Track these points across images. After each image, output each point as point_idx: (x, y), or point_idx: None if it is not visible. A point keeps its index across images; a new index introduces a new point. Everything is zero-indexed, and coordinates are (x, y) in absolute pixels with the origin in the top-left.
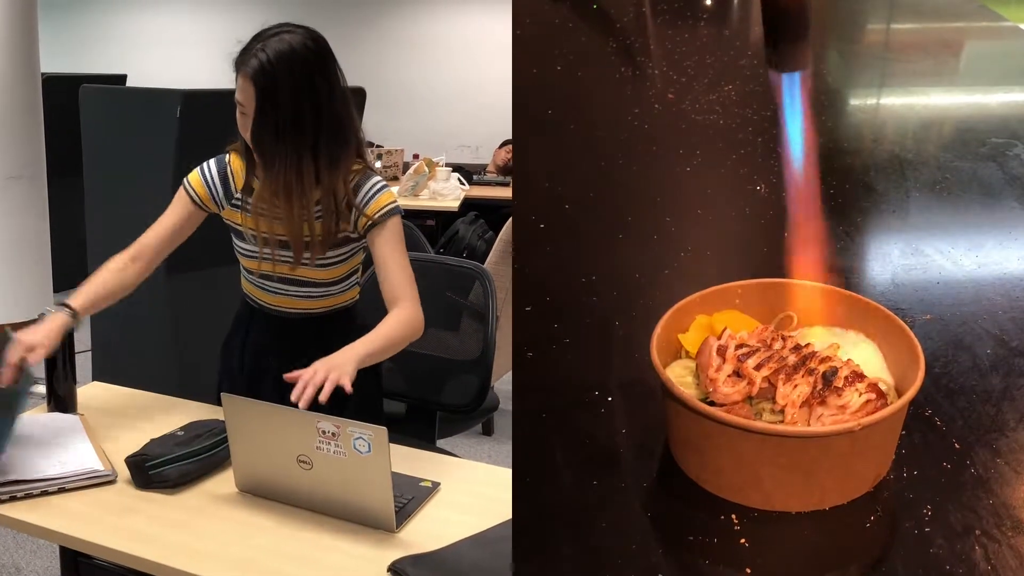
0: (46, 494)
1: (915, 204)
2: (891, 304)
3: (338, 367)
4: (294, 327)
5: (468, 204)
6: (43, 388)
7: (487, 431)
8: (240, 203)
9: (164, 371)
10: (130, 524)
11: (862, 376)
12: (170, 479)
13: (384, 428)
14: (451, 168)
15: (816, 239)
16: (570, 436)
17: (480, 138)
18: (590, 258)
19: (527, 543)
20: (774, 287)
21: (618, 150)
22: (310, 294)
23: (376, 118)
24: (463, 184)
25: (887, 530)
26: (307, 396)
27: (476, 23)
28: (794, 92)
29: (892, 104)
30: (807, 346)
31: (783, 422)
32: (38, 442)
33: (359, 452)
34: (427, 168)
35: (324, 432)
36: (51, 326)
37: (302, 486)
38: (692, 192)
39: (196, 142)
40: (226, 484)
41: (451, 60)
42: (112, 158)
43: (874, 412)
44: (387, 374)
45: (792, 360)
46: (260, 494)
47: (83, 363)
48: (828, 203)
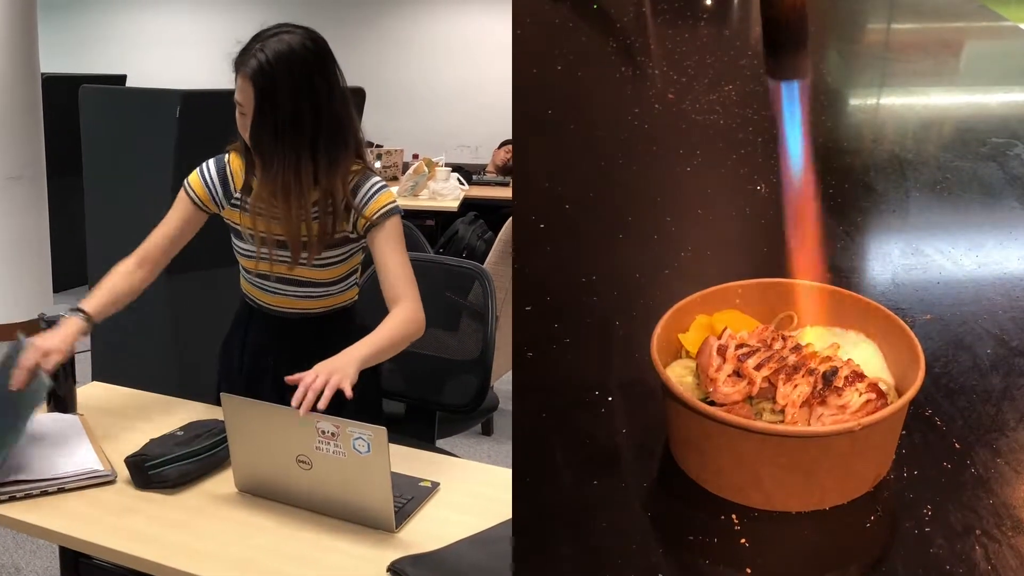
0: (46, 494)
1: (915, 204)
2: (891, 304)
3: (339, 370)
4: (293, 327)
5: (467, 204)
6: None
7: (486, 431)
8: (239, 203)
9: (164, 371)
10: (130, 524)
11: (862, 376)
12: (170, 479)
13: (383, 428)
14: (450, 168)
15: (816, 239)
16: (570, 436)
17: (479, 138)
18: (590, 258)
19: (527, 543)
20: (774, 287)
21: (618, 150)
22: (309, 294)
23: (376, 118)
24: (462, 184)
25: (887, 530)
26: (307, 403)
27: (476, 23)
28: (793, 101)
29: (892, 104)
30: (807, 346)
31: (783, 422)
32: (38, 442)
33: (358, 452)
34: (426, 168)
35: (324, 432)
36: (66, 331)
37: (301, 486)
38: (692, 192)
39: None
40: (226, 484)
41: (451, 60)
42: (112, 158)
43: (874, 412)
44: (386, 374)
45: (792, 360)
46: (260, 494)
47: (83, 363)
48: (828, 203)
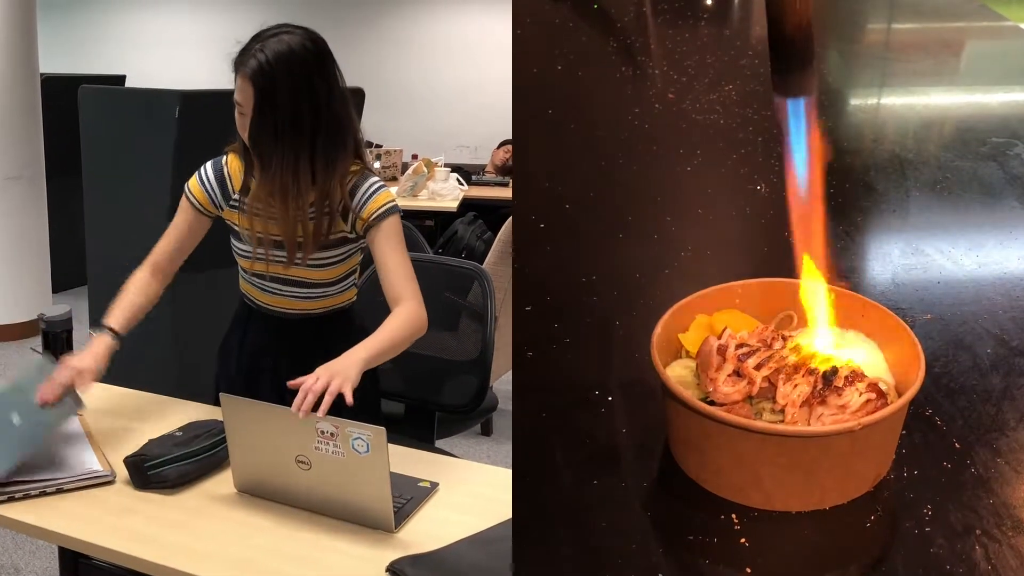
0: (45, 495)
1: (915, 204)
2: (891, 304)
3: (340, 373)
4: (291, 327)
5: (467, 204)
6: None
7: (486, 431)
8: (238, 204)
9: (163, 371)
10: (129, 525)
11: (862, 376)
12: (169, 479)
13: (383, 428)
14: (450, 168)
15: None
16: (570, 436)
17: (479, 138)
18: (590, 258)
19: (527, 543)
20: (774, 287)
21: (618, 150)
22: (307, 294)
23: (375, 118)
24: (462, 184)
25: (887, 530)
26: (307, 406)
27: (476, 23)
28: (799, 118)
29: (892, 104)
30: (807, 345)
31: (783, 422)
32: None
33: (358, 452)
34: (426, 168)
35: (323, 432)
36: (97, 350)
37: (301, 486)
38: (692, 192)
39: (195, 142)
40: (225, 484)
41: (451, 60)
42: (111, 158)
43: (874, 412)
44: (386, 374)
45: (792, 360)
46: (259, 494)
47: None
48: (828, 203)
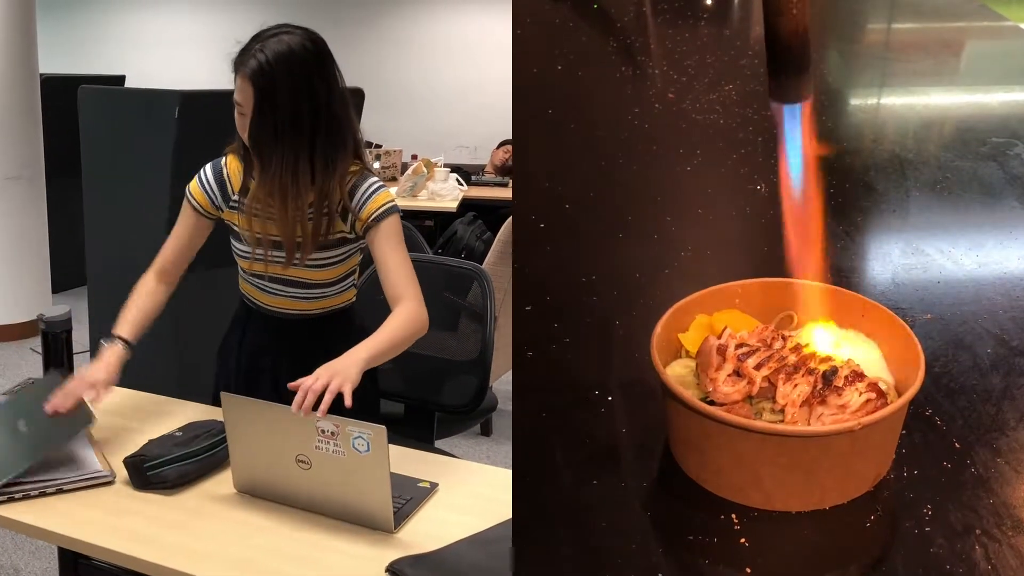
0: (44, 495)
1: (915, 204)
2: (891, 303)
3: (340, 373)
4: (291, 328)
5: (466, 204)
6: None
7: (485, 432)
8: (237, 205)
9: (163, 371)
10: (128, 525)
11: (862, 375)
12: (168, 480)
13: (383, 427)
14: (449, 168)
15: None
16: (570, 436)
17: (478, 138)
18: (590, 258)
19: (527, 543)
20: (774, 286)
21: (618, 150)
22: (306, 295)
23: (375, 118)
24: (461, 184)
25: (887, 530)
26: (307, 405)
27: (476, 23)
28: (795, 123)
29: (892, 104)
30: (807, 345)
31: (783, 421)
32: None
33: (358, 451)
34: (425, 169)
35: (323, 431)
36: (109, 360)
37: (301, 486)
38: (692, 192)
39: (194, 143)
40: (224, 485)
41: (450, 60)
42: (111, 159)
43: (874, 411)
44: (385, 375)
45: (792, 359)
46: (258, 494)
47: (82, 363)
48: (828, 203)
